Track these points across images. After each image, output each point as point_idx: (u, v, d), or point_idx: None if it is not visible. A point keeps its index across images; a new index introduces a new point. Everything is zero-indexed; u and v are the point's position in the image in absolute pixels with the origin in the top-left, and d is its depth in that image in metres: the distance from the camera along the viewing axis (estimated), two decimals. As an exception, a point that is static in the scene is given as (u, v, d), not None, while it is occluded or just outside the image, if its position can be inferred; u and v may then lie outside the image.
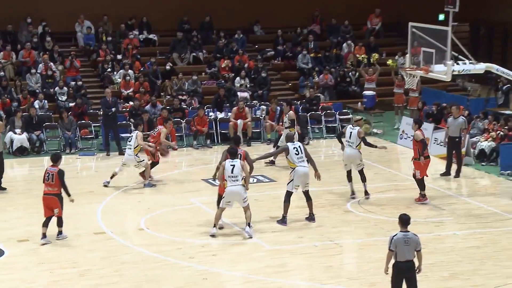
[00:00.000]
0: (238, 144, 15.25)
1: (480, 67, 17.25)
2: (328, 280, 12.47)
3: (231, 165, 14.20)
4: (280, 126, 20.40)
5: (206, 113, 23.02)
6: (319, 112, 24.12)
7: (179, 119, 22.81)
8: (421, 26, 17.24)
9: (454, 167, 18.80)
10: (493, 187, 18.31)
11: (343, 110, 24.73)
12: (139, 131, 17.95)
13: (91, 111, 23.72)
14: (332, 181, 17.75)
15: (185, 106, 24.29)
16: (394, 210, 15.62)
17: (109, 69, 26.28)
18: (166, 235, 14.56)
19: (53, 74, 25.35)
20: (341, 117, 24.16)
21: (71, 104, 23.80)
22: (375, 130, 23.54)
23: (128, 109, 23.36)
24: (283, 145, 15.53)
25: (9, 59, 25.91)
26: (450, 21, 16.65)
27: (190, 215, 15.78)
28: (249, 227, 14.40)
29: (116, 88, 25.28)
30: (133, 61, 26.61)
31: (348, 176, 16.74)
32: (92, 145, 22.19)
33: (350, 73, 27.40)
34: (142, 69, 26.39)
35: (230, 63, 27.14)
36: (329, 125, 24.02)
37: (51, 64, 25.61)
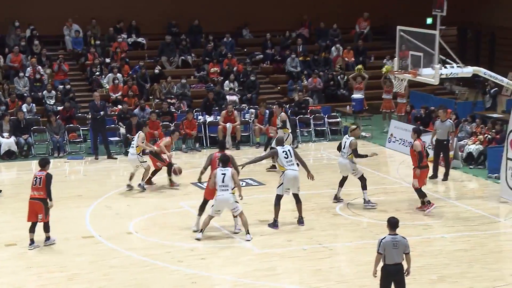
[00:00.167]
0: (224, 149, 15.39)
1: (468, 71, 17.28)
2: (317, 284, 12.48)
3: (222, 174, 14.19)
4: (269, 129, 20.47)
5: (195, 117, 23.02)
6: (308, 116, 24.15)
7: (168, 123, 22.80)
8: (409, 30, 17.27)
9: (442, 170, 18.88)
10: (481, 190, 18.37)
11: (332, 114, 24.76)
12: (143, 132, 17.99)
13: (80, 115, 23.67)
14: (321, 184, 17.77)
15: (174, 110, 24.28)
16: (383, 213, 15.67)
17: (98, 73, 26.23)
18: (155, 239, 14.53)
19: (41, 78, 25.26)
20: (330, 121, 24.20)
21: (59, 108, 23.72)
22: (364, 134, 23.57)
23: (117, 113, 23.30)
24: (273, 149, 15.53)
25: (-3, 63, 25.85)
26: (438, 25, 16.69)
27: (179, 219, 15.75)
28: (248, 234, 14.36)
29: (105, 92, 25.24)
30: (122, 65, 26.57)
31: (341, 181, 16.73)
32: (81, 149, 22.13)
33: (339, 77, 27.46)
34: (131, 73, 26.35)
35: (219, 68, 27.14)
36: (318, 129, 24.05)
37: (39, 68, 25.51)
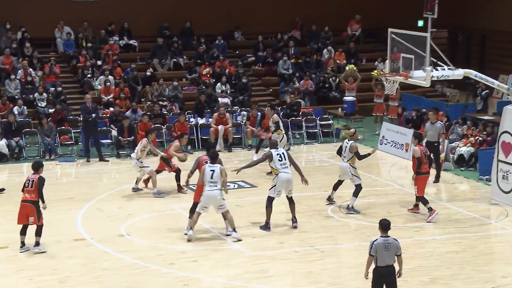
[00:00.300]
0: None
1: (459, 73, 17.33)
2: (309, 286, 12.50)
3: (211, 170, 14.20)
4: (262, 132, 20.48)
5: (187, 119, 23.01)
6: (300, 118, 24.18)
7: (160, 125, 22.77)
8: (401, 32, 17.32)
9: (433, 172, 18.91)
10: (472, 192, 18.42)
11: (324, 116, 24.79)
12: (146, 139, 17.91)
13: (71, 117, 23.61)
14: (313, 187, 17.74)
15: (166, 112, 24.24)
16: (375, 215, 15.70)
17: (89, 75, 26.17)
18: (147, 241, 14.51)
19: (33, 80, 25.19)
20: (322, 123, 24.23)
21: (51, 110, 23.65)
22: (356, 136, 23.58)
23: (109, 115, 23.27)
24: (267, 152, 15.54)
25: (-12, 65, 25.77)
26: (429, 28, 16.74)
27: (171, 221, 15.74)
28: (235, 232, 14.39)
29: (96, 94, 25.19)
30: (114, 67, 26.53)
31: (335, 184, 16.70)
32: (72, 151, 22.08)
33: (331, 79, 27.50)
34: (123, 75, 26.31)
35: (211, 70, 27.14)
36: (310, 131, 24.07)
37: (31, 70, 25.44)
